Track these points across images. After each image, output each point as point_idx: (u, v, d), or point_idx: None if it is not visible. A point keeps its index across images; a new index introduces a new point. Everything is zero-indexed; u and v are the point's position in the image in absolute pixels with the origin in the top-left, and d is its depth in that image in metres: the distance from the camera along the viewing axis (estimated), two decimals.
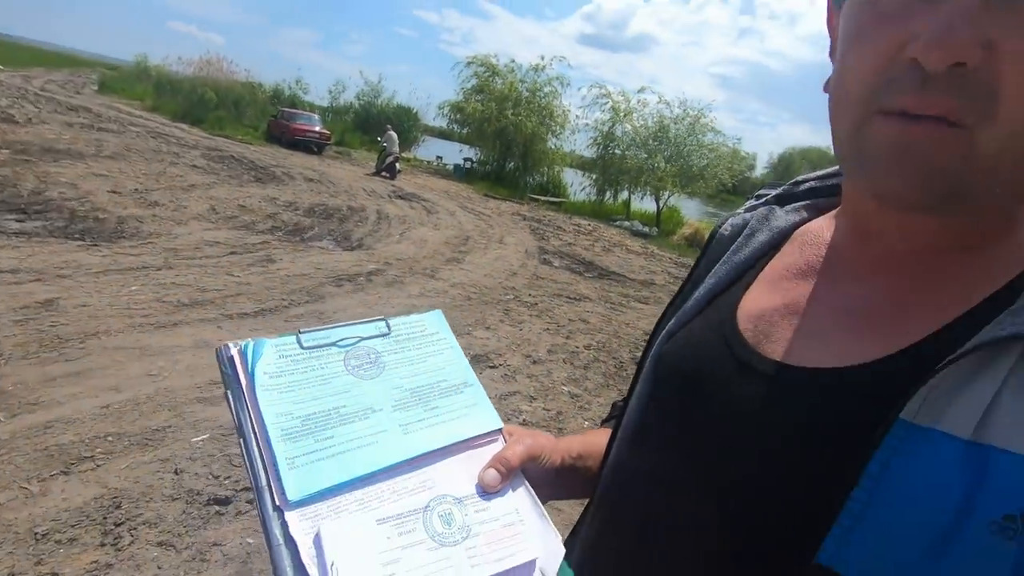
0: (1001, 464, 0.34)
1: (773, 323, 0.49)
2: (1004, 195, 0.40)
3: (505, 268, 7.83)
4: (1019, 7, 0.34)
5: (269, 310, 4.55)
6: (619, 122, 19.63)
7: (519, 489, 0.56)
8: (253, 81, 26.10)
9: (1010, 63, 0.34)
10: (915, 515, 0.35)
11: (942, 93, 0.35)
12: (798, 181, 0.61)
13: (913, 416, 0.36)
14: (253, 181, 10.72)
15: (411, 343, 0.61)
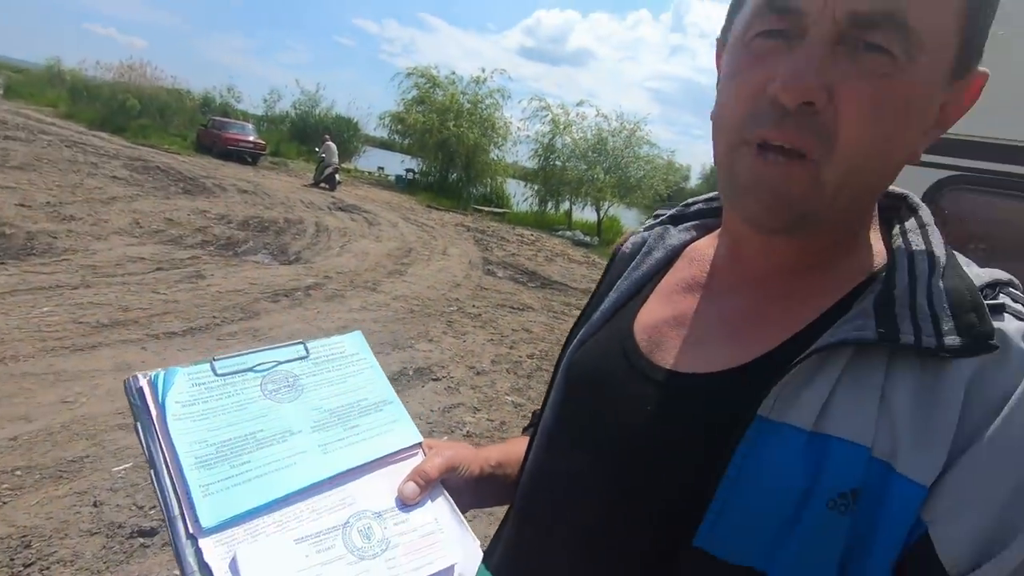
0: (835, 449, 0.40)
1: (663, 333, 0.54)
2: (844, 221, 0.47)
3: (448, 279, 7.81)
4: (857, 57, 0.40)
5: (199, 329, 4.35)
6: (559, 134, 20.06)
7: (438, 499, 0.59)
8: (181, 88, 24.89)
9: (846, 107, 0.40)
10: (770, 498, 0.41)
11: (795, 128, 0.41)
12: (689, 203, 0.67)
13: (768, 412, 0.42)
14: (181, 193, 10.22)
15: (330, 365, 0.62)
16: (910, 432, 0.38)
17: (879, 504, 0.38)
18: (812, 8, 0.40)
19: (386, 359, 4.56)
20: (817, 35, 0.40)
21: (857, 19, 0.39)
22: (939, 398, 0.38)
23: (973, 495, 0.37)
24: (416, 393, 4.10)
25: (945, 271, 0.43)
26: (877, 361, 0.41)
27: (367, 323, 5.29)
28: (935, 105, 0.44)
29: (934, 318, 0.40)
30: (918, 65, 0.40)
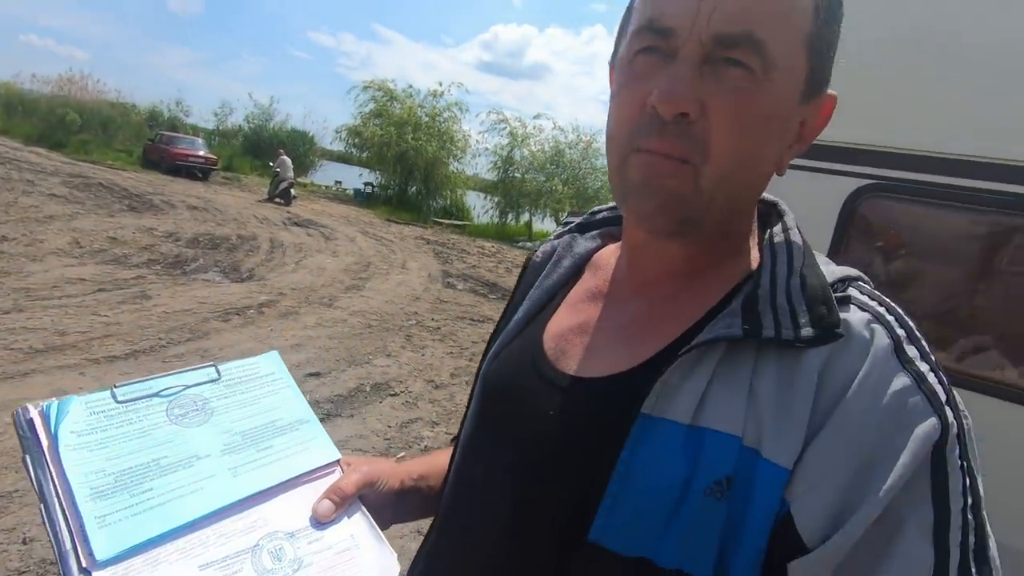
0: (710, 441, 0.43)
1: (569, 341, 0.56)
2: (722, 225, 0.51)
3: (408, 293, 7.74)
4: (722, 73, 0.44)
5: (143, 351, 4.18)
6: (517, 147, 20.28)
7: (355, 515, 0.59)
8: (125, 102, 24.03)
9: (716, 119, 0.45)
10: (655, 490, 0.44)
11: (674, 138, 0.45)
12: (595, 211, 0.69)
13: (651, 409, 0.45)
14: (126, 210, 9.82)
15: (243, 386, 0.61)
16: (773, 419, 0.42)
17: (750, 489, 0.41)
18: (682, 28, 0.44)
19: (342, 376, 4.48)
20: (687, 54, 0.44)
21: (720, 39, 0.43)
22: (796, 385, 0.42)
23: (824, 473, 0.40)
24: (373, 409, 4.03)
25: (803, 270, 0.47)
26: (746, 356, 0.44)
27: (322, 339, 5.19)
28: (794, 121, 0.49)
29: (792, 313, 0.44)
30: (774, 82, 0.44)
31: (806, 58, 0.46)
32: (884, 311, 0.46)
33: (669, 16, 0.45)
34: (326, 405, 3.93)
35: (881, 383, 0.41)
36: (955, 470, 0.40)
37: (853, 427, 0.40)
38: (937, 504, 0.40)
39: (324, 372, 4.46)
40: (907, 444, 0.40)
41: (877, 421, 0.40)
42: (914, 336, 0.45)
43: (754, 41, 0.43)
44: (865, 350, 0.42)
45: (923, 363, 0.43)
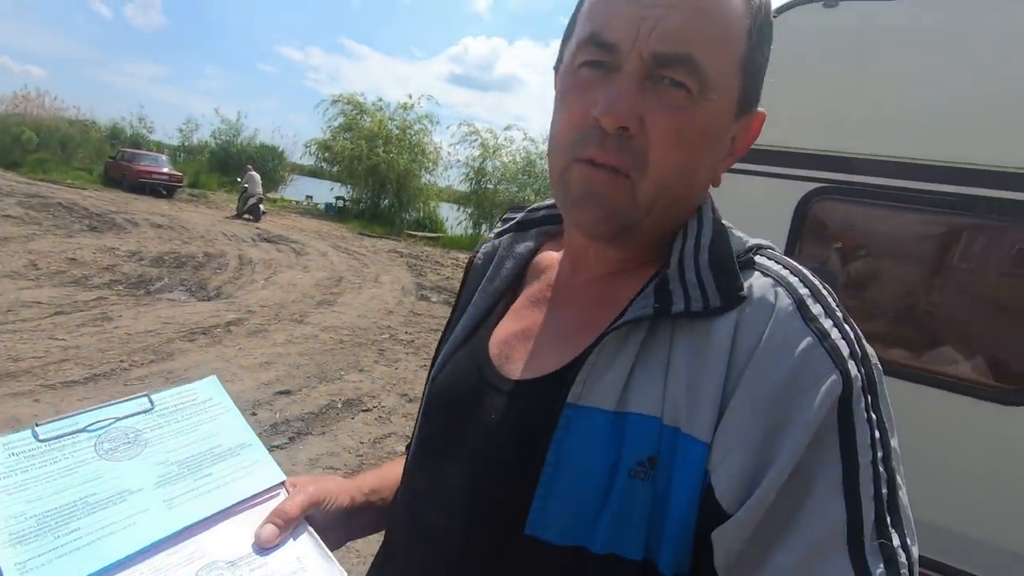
0: (634, 423, 0.44)
1: (512, 347, 0.57)
2: (658, 231, 0.52)
3: (380, 307, 7.67)
4: (661, 91, 0.46)
5: (103, 375, 4.04)
6: (489, 158, 20.35)
7: (301, 537, 0.57)
8: (85, 119, 23.40)
9: (655, 135, 0.46)
10: (584, 478, 0.44)
11: (614, 150, 0.47)
12: (534, 209, 0.70)
13: (577, 399, 0.46)
14: (87, 230, 9.53)
15: (179, 415, 0.60)
16: (688, 394, 0.43)
17: (673, 466, 0.42)
18: (624, 43, 0.46)
19: (312, 393, 4.40)
20: (629, 70, 0.46)
21: (659, 58, 0.45)
22: (709, 355, 0.43)
23: (736, 439, 0.41)
24: (345, 426, 3.97)
25: (712, 244, 0.49)
26: (663, 336, 0.46)
27: (292, 357, 5.09)
28: (728, 137, 0.51)
29: (700, 285, 0.46)
30: (710, 101, 0.46)
31: (739, 78, 0.48)
32: (787, 273, 0.47)
33: (612, 31, 0.46)
34: (296, 424, 3.85)
35: (784, 344, 0.42)
36: (862, 423, 0.41)
37: (760, 391, 0.41)
38: (845, 458, 0.40)
39: (294, 390, 4.38)
40: (811, 402, 0.40)
41: (782, 382, 0.41)
42: (819, 293, 0.46)
43: (691, 62, 0.45)
44: (769, 312, 0.43)
45: (827, 320, 0.44)
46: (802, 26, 1.84)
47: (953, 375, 1.71)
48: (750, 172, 1.91)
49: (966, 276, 1.77)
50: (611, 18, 0.46)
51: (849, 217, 1.86)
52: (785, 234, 1.86)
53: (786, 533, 0.39)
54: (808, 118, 1.85)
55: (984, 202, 1.58)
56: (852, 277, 1.90)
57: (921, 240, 1.81)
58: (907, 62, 1.71)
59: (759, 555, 0.40)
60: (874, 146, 1.75)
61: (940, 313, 1.83)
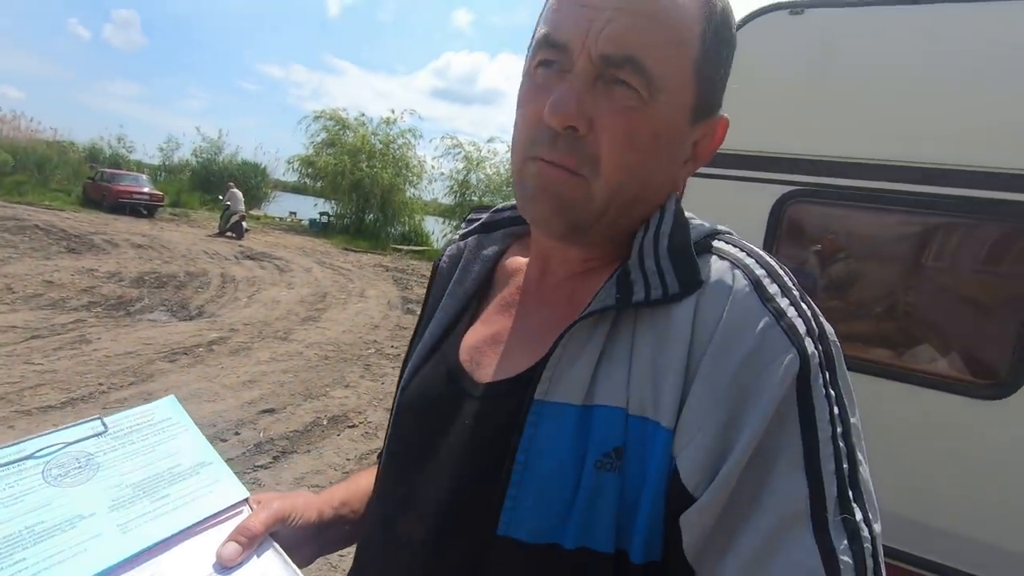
0: (599, 416, 0.44)
1: (483, 352, 0.57)
2: (615, 231, 0.52)
3: (366, 322, 7.61)
4: (611, 92, 0.46)
5: (81, 399, 3.95)
6: (473, 170, 20.41)
7: (265, 554, 0.56)
8: (62, 140, 23.11)
9: (604, 135, 0.46)
10: (554, 474, 0.44)
11: (565, 150, 0.47)
12: (499, 210, 0.69)
13: (544, 395, 0.46)
14: (65, 252, 9.37)
15: (134, 436, 0.59)
16: (652, 382, 0.43)
17: (642, 455, 0.42)
18: (574, 44, 0.46)
19: (297, 410, 4.34)
20: (579, 70, 0.46)
21: (607, 59, 0.45)
22: (670, 341, 0.43)
23: (699, 422, 0.41)
24: (331, 443, 3.91)
25: (672, 232, 0.49)
26: (627, 327, 0.46)
27: (276, 375, 5.03)
28: (685, 141, 0.51)
29: (660, 274, 0.46)
30: (660, 103, 0.47)
31: (693, 82, 0.48)
32: (744, 255, 0.47)
33: (563, 32, 0.47)
34: (281, 442, 3.79)
35: (742, 325, 0.42)
36: (820, 399, 0.41)
37: (719, 372, 0.41)
38: (805, 434, 0.40)
39: (278, 408, 4.31)
40: (769, 380, 0.40)
41: (740, 362, 0.41)
42: (775, 274, 0.46)
43: (637, 64, 0.45)
44: (726, 294, 0.44)
45: (783, 299, 0.44)
46: (770, 33, 1.88)
47: (932, 372, 1.73)
48: (725, 177, 1.94)
49: (940, 274, 1.81)
50: (563, 20, 0.47)
51: (823, 219, 1.89)
52: (761, 236, 1.88)
53: (751, 512, 0.39)
54: (779, 122, 1.88)
55: (953, 201, 1.62)
56: (830, 278, 1.92)
57: (895, 240, 1.84)
58: (872, 66, 1.75)
59: (726, 536, 0.40)
60: (843, 149, 1.78)
61: (917, 312, 1.86)
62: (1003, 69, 1.57)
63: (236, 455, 3.51)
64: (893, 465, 1.64)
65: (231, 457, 3.46)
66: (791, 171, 1.85)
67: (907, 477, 1.65)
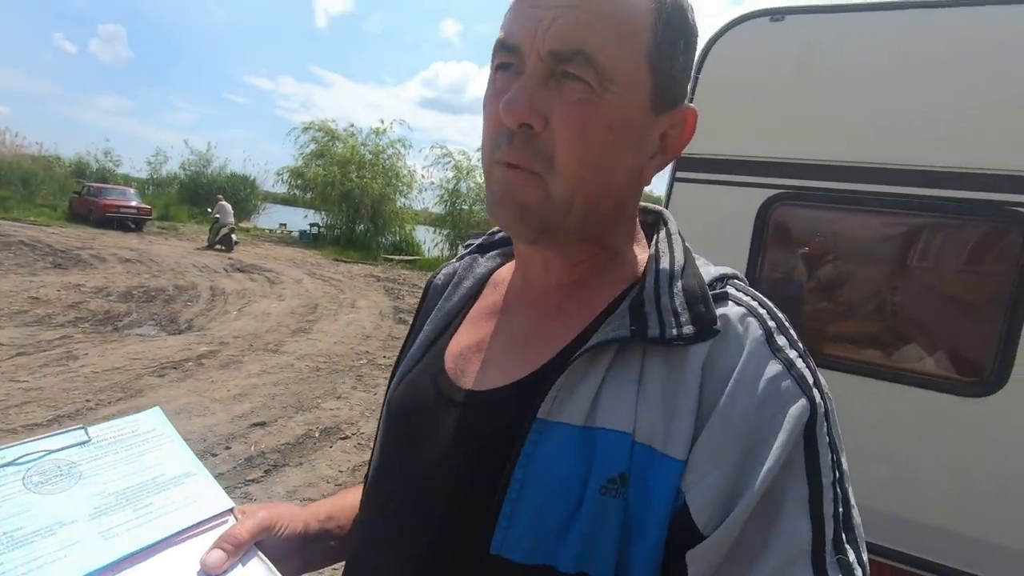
0: (603, 439, 0.44)
1: (468, 359, 0.56)
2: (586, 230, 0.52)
3: (358, 332, 7.58)
4: (563, 87, 0.46)
5: (68, 416, 3.90)
6: (463, 179, 20.43)
7: (251, 563, 0.55)
8: (48, 155, 22.92)
9: (559, 130, 0.47)
10: (553, 495, 0.44)
11: (520, 148, 0.47)
12: (494, 232, 0.71)
13: (546, 415, 0.45)
14: (50, 268, 9.28)
15: (118, 446, 0.58)
16: (662, 414, 0.43)
17: (646, 484, 0.42)
18: (525, 44, 0.47)
19: (289, 423, 4.30)
20: (531, 69, 0.47)
21: (555, 54, 0.46)
22: (682, 380, 0.44)
23: (712, 461, 0.42)
24: (324, 455, 3.88)
25: (684, 272, 0.50)
26: (634, 356, 0.46)
27: (267, 387, 4.99)
28: (649, 133, 0.51)
29: (675, 313, 0.46)
30: (612, 94, 0.47)
31: (648, 73, 0.48)
32: (757, 304, 0.48)
33: (514, 34, 0.48)
34: (272, 456, 3.75)
35: (757, 371, 0.44)
36: (824, 446, 0.43)
37: (735, 414, 0.42)
38: (811, 480, 0.42)
39: (270, 421, 4.28)
40: (782, 425, 0.42)
41: (755, 406, 0.42)
42: (783, 327, 0.48)
43: (585, 56, 0.45)
44: (741, 342, 0.45)
45: (792, 350, 0.46)
46: (751, 39, 1.91)
47: (919, 371, 1.75)
48: (711, 182, 1.96)
49: (925, 274, 1.83)
50: (514, 23, 0.48)
51: (808, 221, 1.91)
52: (748, 239, 1.90)
53: (759, 552, 0.40)
54: (763, 127, 1.91)
55: (935, 202, 1.64)
56: (817, 280, 1.94)
57: (880, 241, 1.86)
58: (852, 70, 1.78)
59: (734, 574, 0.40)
60: (825, 152, 1.81)
61: (902, 311, 1.88)
62: (980, 71, 1.60)
63: (227, 469, 3.47)
64: (881, 462, 1.65)
65: (222, 472, 3.42)
66: (775, 175, 1.87)
67: (895, 474, 1.66)
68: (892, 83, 1.71)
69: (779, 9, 1.85)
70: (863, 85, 1.74)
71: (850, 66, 1.77)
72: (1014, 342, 1.57)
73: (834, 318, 1.90)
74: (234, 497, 3.37)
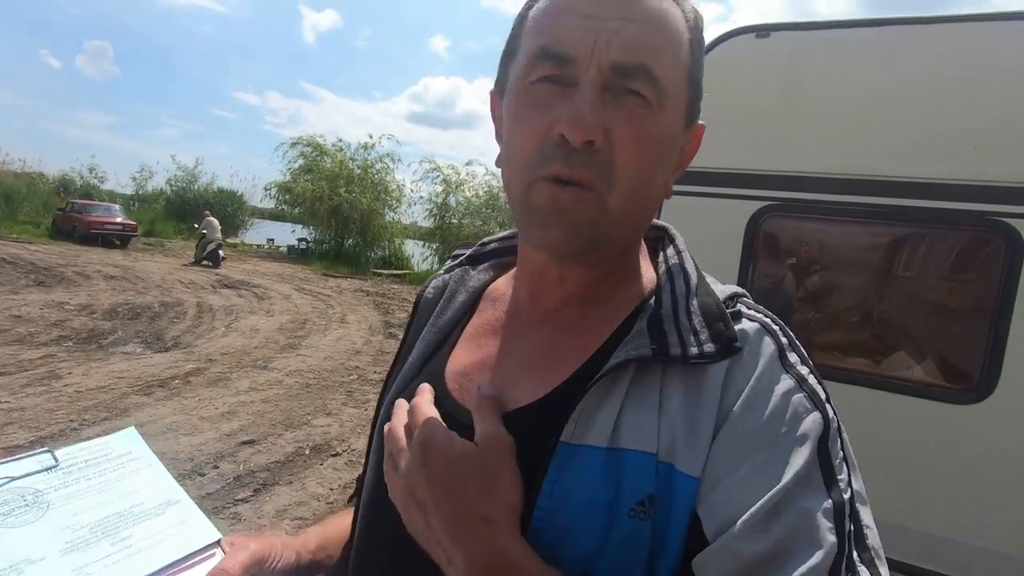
0: (629, 460, 0.43)
1: (472, 378, 0.54)
2: (623, 245, 0.52)
3: (347, 348, 7.51)
4: (624, 102, 0.45)
5: (51, 436, 3.81)
6: (452, 193, 20.51)
7: None
8: (31, 171, 22.67)
9: (620, 145, 0.45)
10: (581, 518, 0.43)
11: (580, 164, 0.45)
12: (485, 243, 0.69)
13: (570, 437, 0.44)
14: (33, 285, 9.12)
15: (90, 471, 0.54)
16: (683, 432, 0.43)
17: (670, 503, 0.42)
18: (582, 56, 0.45)
19: (279, 441, 4.24)
20: (588, 81, 0.45)
21: (618, 68, 0.45)
22: (702, 398, 0.44)
23: (723, 472, 0.41)
24: (314, 473, 3.82)
25: (698, 289, 0.50)
26: (654, 375, 0.45)
27: (256, 404, 4.91)
28: (678, 148, 0.52)
29: (694, 331, 0.46)
30: (666, 111, 0.47)
31: (687, 89, 0.49)
32: (770, 322, 0.49)
33: (568, 44, 0.45)
34: (261, 474, 3.69)
35: (768, 386, 0.44)
36: (839, 461, 0.43)
37: (747, 427, 0.42)
38: (831, 493, 0.41)
39: (259, 439, 4.21)
40: (796, 438, 0.42)
41: (768, 419, 0.42)
42: (794, 344, 0.48)
43: (649, 72, 0.45)
44: (756, 358, 0.45)
45: (803, 367, 0.46)
46: (738, 55, 1.95)
47: (908, 379, 1.77)
48: (701, 194, 1.98)
49: (911, 282, 1.86)
50: (566, 32, 0.46)
51: (797, 231, 1.94)
52: (739, 249, 1.92)
53: (768, 569, 0.39)
54: (750, 141, 1.94)
55: (920, 212, 1.67)
56: (805, 289, 1.97)
57: (867, 250, 1.89)
58: (836, 85, 1.82)
59: None
60: (811, 164, 1.84)
61: (890, 319, 1.90)
62: (963, 85, 1.64)
63: (215, 489, 3.40)
64: (872, 470, 1.66)
65: (210, 492, 3.36)
66: (764, 187, 1.90)
67: (886, 481, 1.67)
68: (876, 97, 1.75)
69: (765, 26, 1.90)
70: (848, 99, 1.77)
71: (835, 81, 1.81)
72: (1001, 349, 1.59)
73: (823, 326, 1.92)
74: (223, 518, 3.30)
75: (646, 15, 0.45)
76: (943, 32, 1.68)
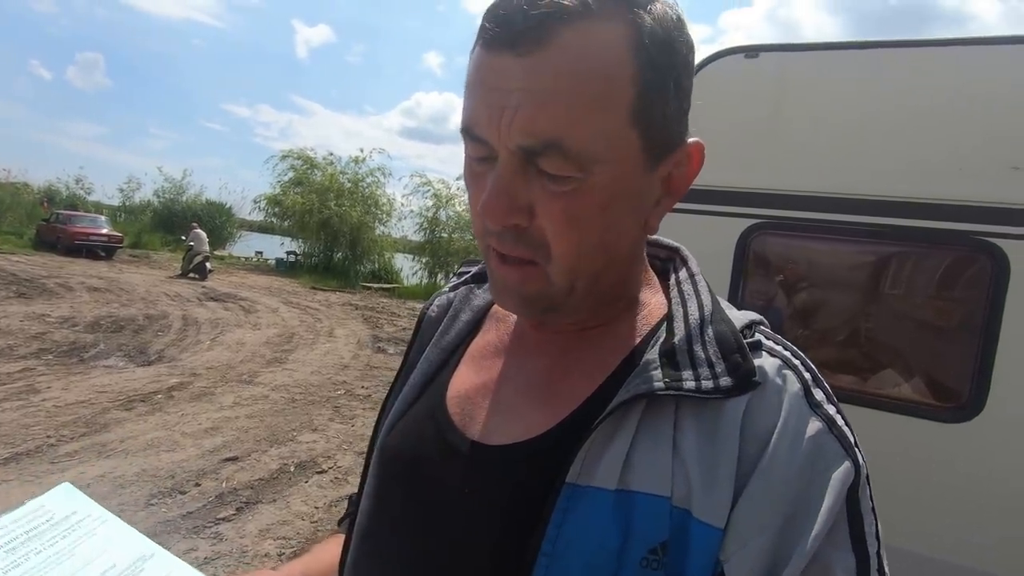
0: (640, 504, 0.40)
1: (475, 403, 0.52)
2: (590, 299, 0.48)
3: (335, 362, 7.43)
4: (542, 181, 0.42)
5: (26, 454, 3.70)
6: (442, 207, 20.55)
7: None
8: (15, 181, 22.41)
9: (547, 221, 0.43)
10: (588, 568, 0.40)
11: (512, 243, 0.44)
12: None
13: (576, 478, 0.41)
14: (14, 297, 8.95)
15: (36, 543, 0.48)
16: (700, 476, 0.40)
17: (685, 552, 0.39)
18: (491, 139, 0.42)
19: (263, 457, 4.15)
20: (503, 163, 0.42)
21: (525, 150, 0.41)
22: (719, 437, 0.41)
23: (754, 528, 0.39)
24: (299, 490, 3.74)
25: (712, 317, 0.46)
26: (667, 411, 0.42)
27: (241, 420, 4.82)
28: (648, 187, 0.46)
29: (709, 363, 0.43)
30: (598, 175, 0.42)
31: (634, 131, 0.42)
32: (791, 355, 0.46)
33: (479, 126, 0.43)
34: (245, 492, 3.61)
35: (798, 429, 0.41)
36: (867, 512, 0.41)
37: (777, 477, 0.40)
38: (856, 549, 0.39)
39: (242, 455, 4.12)
40: (827, 489, 0.39)
41: (798, 468, 0.40)
42: (818, 379, 0.45)
43: (558, 148, 0.40)
44: (780, 396, 0.42)
45: (830, 406, 0.43)
46: (727, 76, 1.97)
47: (896, 397, 1.77)
48: (692, 212, 1.99)
49: (900, 301, 1.87)
50: (475, 112, 0.43)
51: (786, 249, 1.95)
52: (729, 267, 1.93)
53: None
54: (740, 160, 1.95)
55: (908, 231, 1.69)
56: (794, 306, 1.97)
57: (856, 269, 1.91)
58: (825, 105, 1.84)
59: None
60: (800, 183, 1.86)
61: (879, 338, 1.91)
62: (951, 106, 1.67)
63: (196, 508, 3.32)
64: None
65: (191, 511, 3.27)
66: (753, 205, 1.91)
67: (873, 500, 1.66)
68: (864, 118, 1.77)
69: (754, 47, 1.92)
70: (836, 120, 1.80)
71: (823, 101, 1.84)
72: (989, 368, 1.60)
73: (812, 344, 1.93)
74: (204, 538, 3.21)
75: (553, 76, 0.39)
76: (930, 55, 1.71)
